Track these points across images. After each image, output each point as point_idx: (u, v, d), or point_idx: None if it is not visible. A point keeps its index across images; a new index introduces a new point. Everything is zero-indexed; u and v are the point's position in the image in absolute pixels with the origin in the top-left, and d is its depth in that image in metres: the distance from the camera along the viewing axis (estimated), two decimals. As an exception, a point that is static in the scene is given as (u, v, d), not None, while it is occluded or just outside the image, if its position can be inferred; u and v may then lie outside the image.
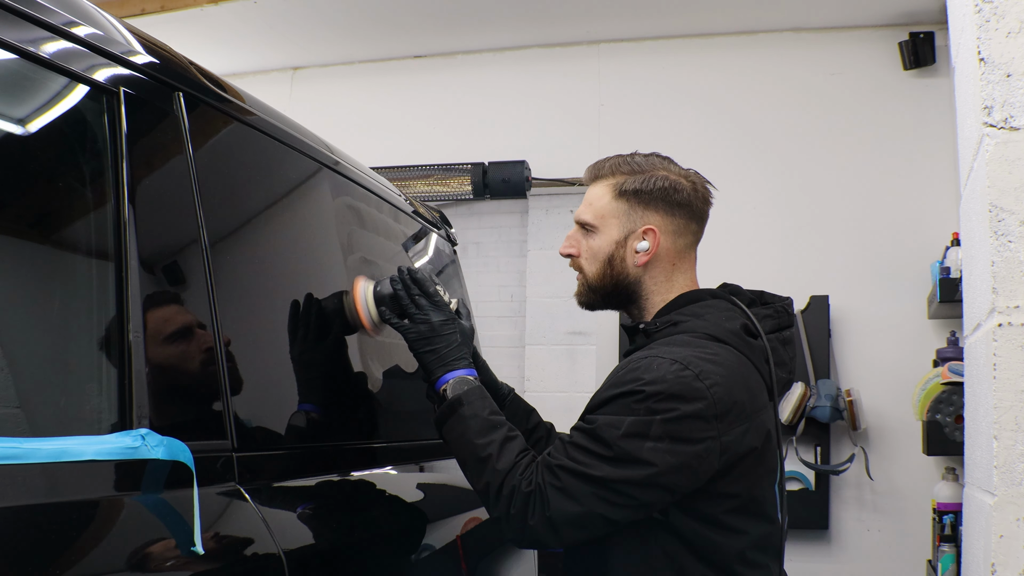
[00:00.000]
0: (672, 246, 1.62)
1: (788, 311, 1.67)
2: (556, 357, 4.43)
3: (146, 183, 1.28)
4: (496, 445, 1.49)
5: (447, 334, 1.63)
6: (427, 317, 1.63)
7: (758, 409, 1.50)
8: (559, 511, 1.41)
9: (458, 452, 1.54)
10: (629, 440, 1.40)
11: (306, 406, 1.63)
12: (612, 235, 1.62)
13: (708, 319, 1.55)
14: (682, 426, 1.40)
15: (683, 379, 1.42)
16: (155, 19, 4.10)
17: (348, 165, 2.00)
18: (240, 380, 1.40)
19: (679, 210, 1.61)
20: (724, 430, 1.42)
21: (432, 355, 1.61)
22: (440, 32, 4.48)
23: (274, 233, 1.69)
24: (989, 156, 1.42)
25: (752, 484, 1.48)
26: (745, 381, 1.49)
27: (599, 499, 1.41)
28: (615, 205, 1.62)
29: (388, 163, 4.45)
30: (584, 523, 1.42)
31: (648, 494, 1.41)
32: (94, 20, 1.29)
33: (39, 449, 0.99)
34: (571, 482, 1.42)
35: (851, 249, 4.05)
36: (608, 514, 1.42)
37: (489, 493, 1.47)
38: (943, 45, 3.94)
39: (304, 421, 1.62)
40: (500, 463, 1.47)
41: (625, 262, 1.62)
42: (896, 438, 3.89)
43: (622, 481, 1.40)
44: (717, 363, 1.46)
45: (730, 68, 4.32)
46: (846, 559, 3.93)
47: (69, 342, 1.17)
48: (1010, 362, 1.38)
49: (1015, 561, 1.35)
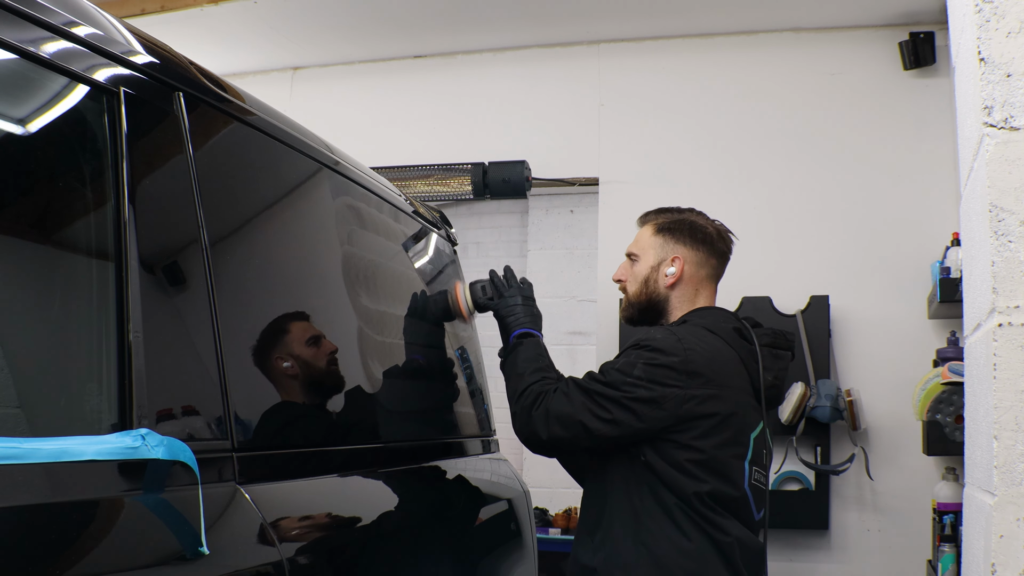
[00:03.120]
0: (695, 274, 2.08)
1: (786, 336, 2.08)
2: (556, 357, 4.36)
3: (146, 183, 1.28)
4: (532, 367, 2.00)
5: (528, 306, 2.16)
6: (514, 294, 2.16)
7: (730, 386, 1.90)
8: (556, 407, 1.90)
9: (508, 376, 2.04)
10: (619, 373, 1.89)
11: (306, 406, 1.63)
12: (649, 261, 2.10)
13: (709, 319, 2.01)
14: (657, 371, 1.86)
15: (669, 339, 1.91)
16: (155, 19, 4.10)
17: (348, 165, 2.00)
18: (240, 380, 1.40)
19: (702, 246, 2.09)
20: (688, 385, 1.86)
21: (513, 319, 2.13)
22: (440, 32, 4.48)
23: (274, 233, 1.69)
24: (989, 156, 1.42)
25: (715, 447, 1.86)
26: (722, 360, 1.92)
27: (586, 408, 1.88)
28: (653, 239, 2.11)
29: (388, 163, 4.44)
30: (569, 423, 1.88)
31: (620, 412, 1.86)
32: (94, 20, 1.29)
33: (39, 449, 0.99)
34: (573, 390, 1.91)
35: (851, 249, 4.05)
36: (587, 422, 1.87)
37: (515, 395, 1.97)
38: (943, 45, 3.94)
39: (304, 421, 1.62)
40: (531, 376, 1.98)
41: (657, 282, 2.09)
42: (896, 438, 3.89)
43: (605, 397, 1.87)
44: (702, 341, 1.92)
45: (730, 68, 4.31)
46: (846, 559, 3.93)
47: (69, 342, 1.17)
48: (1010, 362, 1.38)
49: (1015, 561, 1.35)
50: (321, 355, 1.68)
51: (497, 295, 2.17)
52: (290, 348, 1.60)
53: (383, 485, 1.84)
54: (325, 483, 1.62)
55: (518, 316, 2.13)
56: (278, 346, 1.58)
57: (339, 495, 1.67)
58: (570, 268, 4.50)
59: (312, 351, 1.64)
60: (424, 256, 2.41)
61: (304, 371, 1.62)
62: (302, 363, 1.62)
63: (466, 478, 2.22)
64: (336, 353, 1.74)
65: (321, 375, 1.69)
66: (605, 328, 4.27)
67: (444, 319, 2.25)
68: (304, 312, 1.66)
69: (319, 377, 1.68)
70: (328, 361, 1.72)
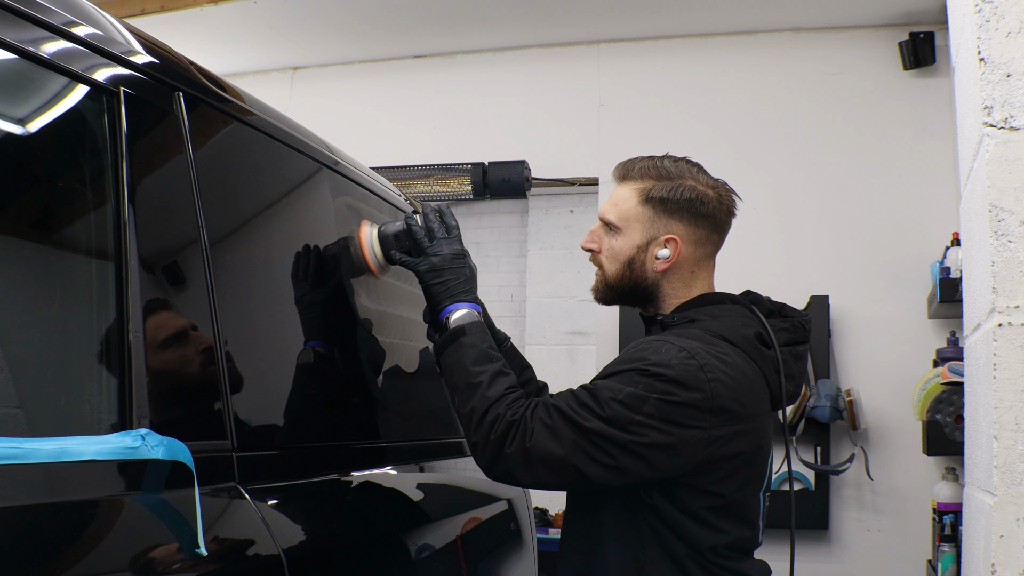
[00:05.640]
0: (692, 255, 1.65)
1: (805, 327, 1.68)
2: (556, 357, 4.43)
3: (146, 183, 1.28)
4: (489, 375, 1.53)
5: (458, 267, 1.68)
6: (440, 249, 1.68)
7: (756, 416, 1.53)
8: (539, 447, 1.45)
9: (450, 378, 1.59)
10: (623, 408, 1.44)
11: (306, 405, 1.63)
12: (634, 239, 1.64)
13: (724, 321, 1.58)
14: (675, 410, 1.44)
15: (687, 367, 1.46)
16: (155, 19, 4.10)
17: (348, 165, 2.00)
18: (240, 380, 1.40)
19: (703, 221, 1.64)
20: (715, 425, 1.46)
21: (441, 286, 1.66)
22: (440, 32, 4.48)
23: (274, 233, 1.69)
24: (989, 156, 1.42)
25: (737, 488, 1.52)
26: (749, 385, 1.52)
27: (581, 450, 1.44)
28: (640, 210, 1.64)
29: (388, 163, 4.45)
30: (558, 468, 1.45)
31: (627, 460, 1.44)
32: (94, 20, 1.29)
33: (39, 449, 0.99)
34: (561, 424, 1.45)
35: (851, 249, 4.05)
36: (583, 467, 1.45)
37: (472, 417, 1.51)
38: (943, 45, 3.94)
39: (304, 421, 1.62)
40: (490, 391, 1.51)
41: (645, 266, 1.65)
42: (896, 438, 3.89)
43: (607, 439, 1.44)
44: (724, 362, 1.49)
45: (730, 68, 4.32)
46: (846, 559, 3.93)
47: (69, 342, 1.17)
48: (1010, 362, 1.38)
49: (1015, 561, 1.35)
50: (321, 355, 1.68)
51: (416, 248, 1.70)
52: (290, 348, 1.60)
53: (384, 484, 1.84)
54: (325, 483, 1.62)
55: (447, 283, 1.66)
56: (278, 346, 1.58)
57: (339, 495, 1.67)
58: (570, 268, 4.51)
59: (312, 351, 1.64)
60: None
61: (304, 371, 1.62)
62: (302, 363, 1.62)
63: (467, 477, 2.22)
64: (336, 353, 1.74)
65: (321, 375, 1.69)
66: (605, 328, 4.28)
67: (353, 274, 1.81)
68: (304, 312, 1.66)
69: (319, 376, 1.68)
70: (328, 361, 1.72)
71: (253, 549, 1.29)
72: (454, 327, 1.61)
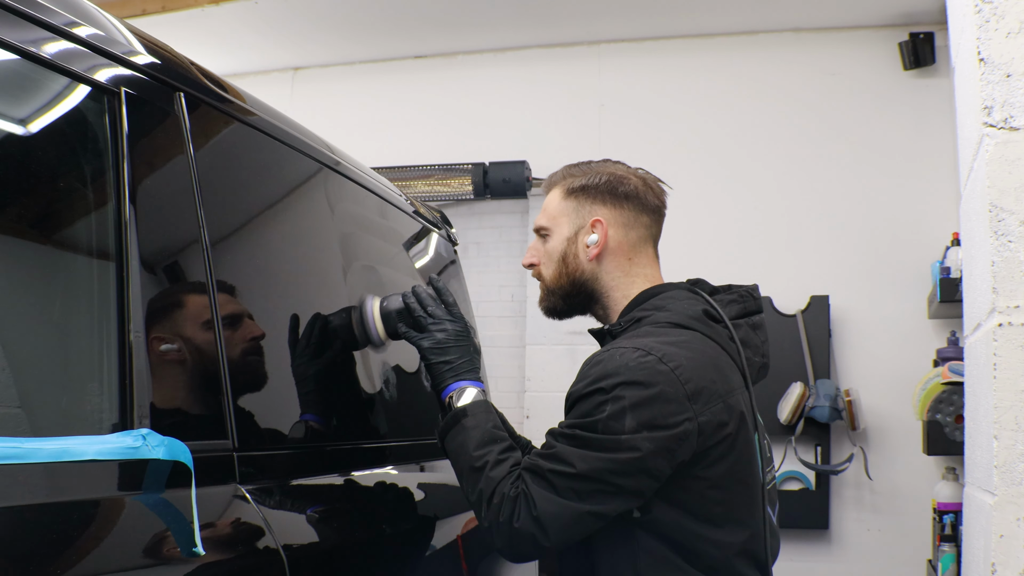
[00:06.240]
0: (624, 238, 1.63)
1: (753, 295, 1.66)
2: (557, 357, 4.43)
3: (147, 183, 1.28)
4: (493, 455, 1.50)
5: (463, 345, 1.66)
6: (444, 326, 1.66)
7: (731, 390, 1.50)
8: (546, 511, 1.41)
9: (456, 463, 1.56)
10: (607, 433, 1.41)
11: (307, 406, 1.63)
12: (563, 233, 1.65)
13: (670, 308, 1.56)
14: (653, 410, 1.40)
15: (645, 364, 1.43)
16: (156, 19, 4.10)
17: (349, 165, 2.00)
18: (241, 380, 1.41)
19: (627, 202, 1.63)
20: (700, 411, 1.43)
21: (444, 365, 1.63)
22: (440, 32, 4.48)
23: (275, 233, 1.70)
24: (989, 156, 1.42)
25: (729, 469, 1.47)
26: (713, 362, 1.50)
27: (585, 494, 1.41)
28: (564, 204, 1.65)
29: (388, 163, 4.45)
30: (572, 521, 1.42)
31: (632, 481, 1.41)
32: (95, 20, 1.29)
33: (40, 449, 0.99)
34: (556, 481, 1.42)
35: (851, 249, 4.05)
36: (595, 508, 1.42)
37: (481, 502, 1.47)
38: (943, 45, 3.94)
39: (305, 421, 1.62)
40: (494, 472, 1.47)
41: (578, 257, 1.63)
42: (896, 438, 3.89)
43: (605, 471, 1.40)
44: (681, 347, 1.47)
45: (730, 68, 4.32)
46: (846, 559, 3.93)
47: (70, 342, 1.17)
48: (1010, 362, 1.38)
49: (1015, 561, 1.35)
50: (323, 357, 1.68)
51: (415, 325, 1.68)
52: (291, 347, 1.60)
53: (384, 484, 1.84)
54: (326, 482, 1.62)
55: (451, 361, 1.63)
56: (279, 346, 1.59)
57: (340, 494, 1.67)
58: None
59: (312, 351, 1.64)
60: (424, 256, 2.41)
61: (304, 371, 1.62)
62: (303, 363, 1.62)
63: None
64: (337, 353, 1.74)
65: (322, 375, 1.69)
66: (605, 328, 4.27)
67: (356, 346, 1.79)
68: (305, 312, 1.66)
69: (320, 377, 1.68)
70: (329, 361, 1.72)
71: (253, 549, 1.29)
72: (457, 409, 1.58)
